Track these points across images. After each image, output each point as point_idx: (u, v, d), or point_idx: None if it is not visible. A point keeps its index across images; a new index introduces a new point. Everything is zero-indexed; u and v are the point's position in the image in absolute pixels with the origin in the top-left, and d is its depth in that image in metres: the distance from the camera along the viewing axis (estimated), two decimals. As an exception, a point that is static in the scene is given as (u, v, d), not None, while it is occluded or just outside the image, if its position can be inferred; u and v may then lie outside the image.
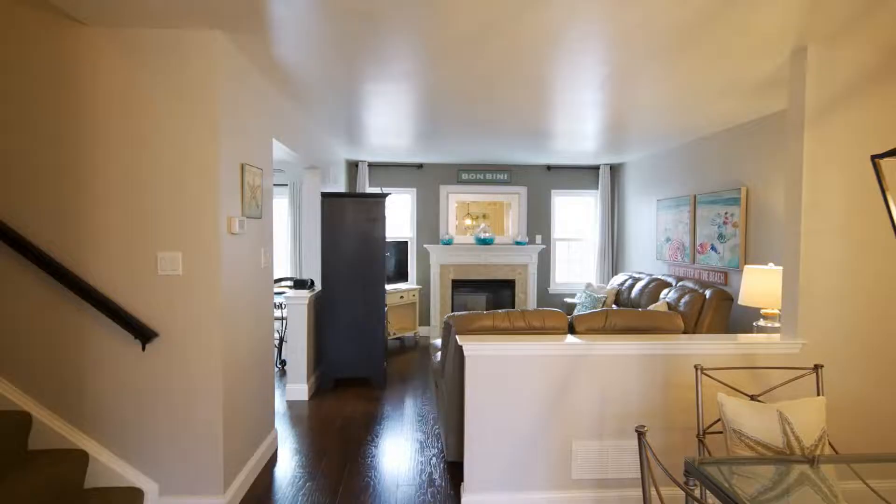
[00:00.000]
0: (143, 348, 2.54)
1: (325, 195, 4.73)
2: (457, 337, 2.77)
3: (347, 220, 4.76)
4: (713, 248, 4.87)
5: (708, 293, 4.33)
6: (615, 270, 7.31)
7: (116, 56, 2.49)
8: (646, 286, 5.22)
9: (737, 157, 4.57)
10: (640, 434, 1.32)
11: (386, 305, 5.23)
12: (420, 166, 7.21)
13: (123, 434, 2.58)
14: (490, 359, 2.67)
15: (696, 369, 2.05)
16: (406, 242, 6.96)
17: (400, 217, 7.36)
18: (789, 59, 2.90)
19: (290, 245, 7.22)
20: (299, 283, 4.58)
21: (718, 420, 2.00)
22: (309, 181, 5.07)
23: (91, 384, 2.55)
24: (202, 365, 2.59)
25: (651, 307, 4.51)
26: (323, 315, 4.76)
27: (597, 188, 7.39)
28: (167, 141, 2.53)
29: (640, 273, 5.92)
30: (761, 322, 3.38)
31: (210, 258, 2.57)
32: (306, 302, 4.46)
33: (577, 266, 7.56)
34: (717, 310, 4.23)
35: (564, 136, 5.24)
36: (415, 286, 6.96)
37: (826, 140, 2.73)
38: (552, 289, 7.42)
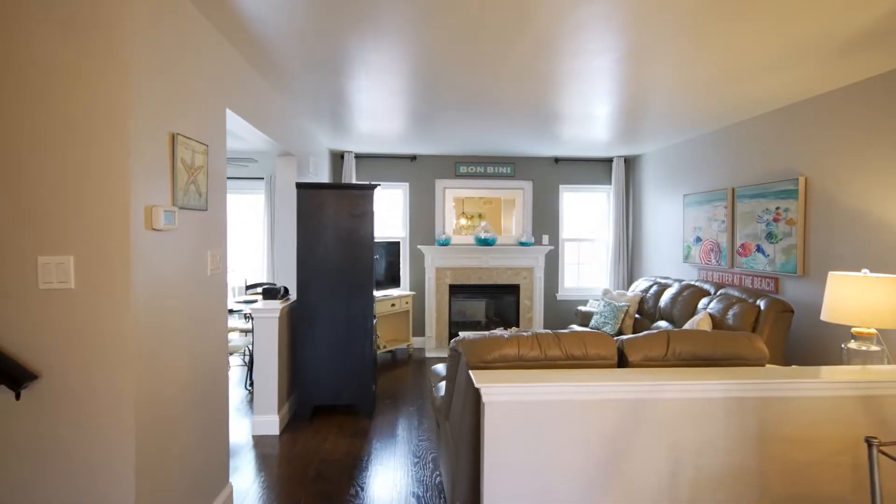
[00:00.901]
0: (18, 396, 1.74)
1: (300, 186, 3.94)
2: (470, 373, 2.01)
3: (328, 216, 3.98)
4: (759, 249, 4.15)
5: (762, 304, 3.60)
6: (631, 274, 6.59)
7: (-24, -30, 1.71)
8: (678, 294, 4.49)
9: (791, 141, 3.85)
10: None
11: (375, 317, 4.46)
12: (413, 158, 6.44)
13: (-10, 520, 1.79)
14: (517, 405, 1.90)
15: (871, 447, 1.31)
16: (398, 243, 6.20)
17: (391, 214, 6.58)
18: (910, -1, 2.18)
19: (267, 247, 6.42)
20: (269, 293, 3.79)
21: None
22: (282, 171, 4.28)
23: (-61, 449, 1.76)
24: (105, 413, 1.80)
25: (693, 321, 3.78)
26: (298, 330, 3.97)
27: (610, 183, 6.66)
28: (53, 96, 1.74)
29: (665, 278, 5.19)
30: (852, 344, 2.65)
31: (117, 264, 1.78)
32: (277, 315, 3.67)
33: (587, 269, 6.83)
34: (775, 324, 3.50)
35: (575, 120, 4.49)
36: (408, 292, 6.19)
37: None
38: (561, 295, 6.68)
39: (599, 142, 5.61)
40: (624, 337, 2.30)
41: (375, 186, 4.04)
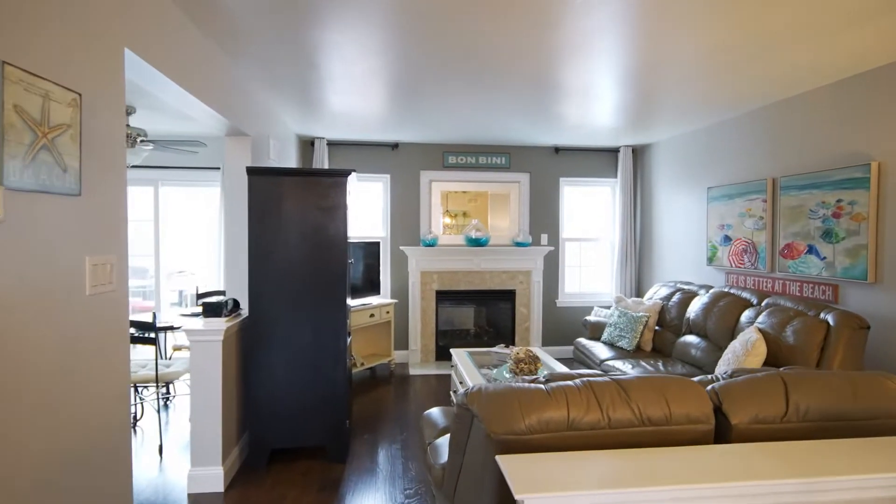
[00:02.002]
0: None
1: (253, 172, 3.11)
2: (500, 463, 1.23)
3: (289, 209, 3.15)
4: (812, 250, 3.47)
5: (829, 318, 2.91)
6: (639, 279, 5.89)
7: None
8: (712, 304, 3.78)
9: (859, 119, 3.17)
10: None
11: (350, 333, 3.66)
12: (395, 146, 5.63)
13: None
14: (582, 520, 1.13)
15: None
16: (377, 244, 5.38)
17: (369, 211, 5.77)
18: None
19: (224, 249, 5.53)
20: (212, 308, 2.95)
21: None
22: (233, 155, 3.44)
23: None
24: None
25: (745, 341, 3.06)
26: (251, 354, 3.14)
27: (615, 176, 5.96)
28: None
29: (688, 284, 4.50)
30: None
31: None
32: (221, 337, 2.84)
33: (590, 273, 6.11)
34: (849, 345, 2.81)
35: (579, 97, 3.76)
36: (389, 300, 5.38)
37: None
38: (561, 301, 5.95)
39: (605, 128, 4.91)
40: (718, 383, 1.55)
41: (349, 173, 3.23)
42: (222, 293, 4.58)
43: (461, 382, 3.66)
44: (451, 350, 4.22)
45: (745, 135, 4.15)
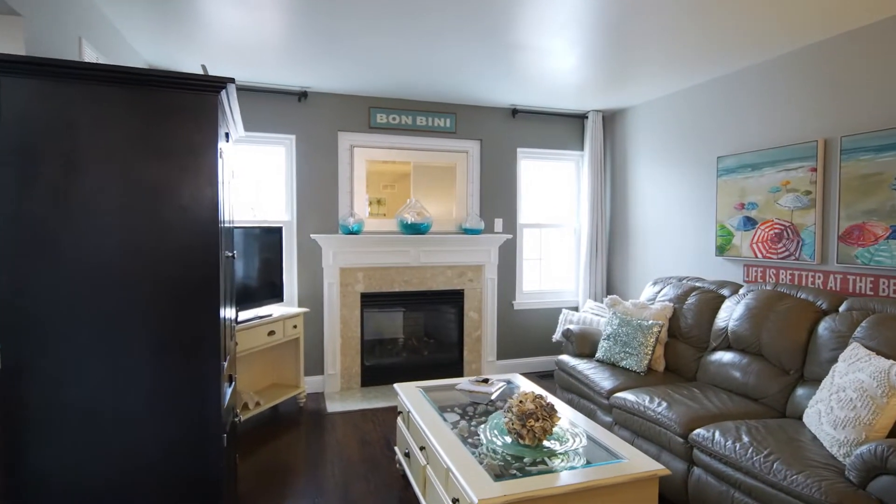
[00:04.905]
0: None
1: (5, 66, 1.49)
2: None
3: (94, 151, 1.57)
4: (900, 233, 2.55)
5: None
6: (609, 274, 4.87)
7: None
8: (763, 309, 2.75)
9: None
10: None
11: (234, 378, 2.13)
12: (303, 96, 4.07)
13: None
14: None
15: None
16: (279, 231, 3.81)
17: (267, 185, 4.16)
18: None
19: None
20: None
21: None
22: (-18, 45, 1.76)
23: None
24: None
25: (876, 370, 2.00)
26: (10, 442, 1.54)
27: (582, 148, 4.90)
28: None
29: (698, 280, 3.49)
30: None
31: None
32: None
33: (553, 267, 4.99)
34: None
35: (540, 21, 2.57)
36: (296, 310, 3.84)
37: None
38: (519, 303, 4.77)
39: (572, 85, 3.87)
40: None
41: (224, 83, 1.72)
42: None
43: (422, 448, 2.28)
44: (397, 386, 2.83)
45: (779, 85, 3.19)
